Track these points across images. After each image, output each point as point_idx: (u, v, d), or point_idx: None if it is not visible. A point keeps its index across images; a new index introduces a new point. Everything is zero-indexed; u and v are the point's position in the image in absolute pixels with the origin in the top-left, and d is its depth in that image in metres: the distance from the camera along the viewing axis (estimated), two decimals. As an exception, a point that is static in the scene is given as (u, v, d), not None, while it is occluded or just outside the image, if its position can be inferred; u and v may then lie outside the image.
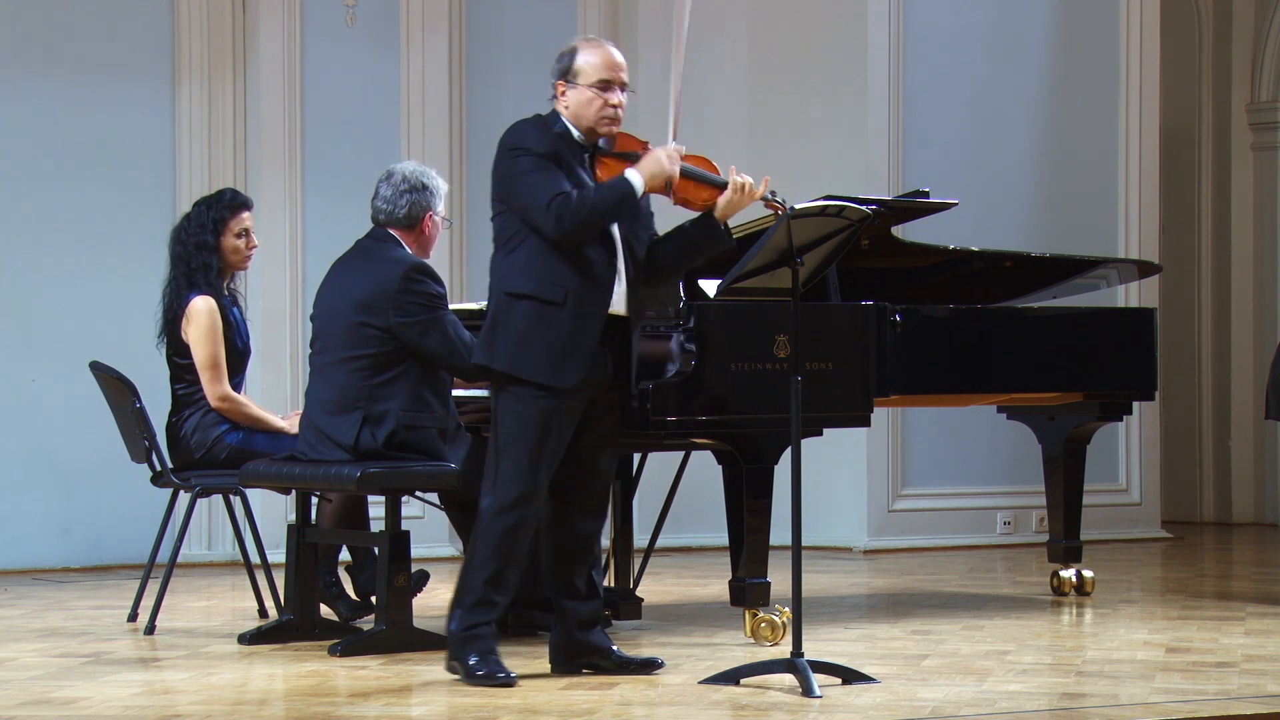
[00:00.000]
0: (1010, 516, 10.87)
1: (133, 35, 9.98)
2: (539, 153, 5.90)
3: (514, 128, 6.02)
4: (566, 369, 5.89)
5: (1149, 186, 11.33)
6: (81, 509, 9.79)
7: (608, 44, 6.05)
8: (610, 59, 6.00)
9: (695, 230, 6.11)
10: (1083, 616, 7.74)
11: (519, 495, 5.89)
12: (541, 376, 5.87)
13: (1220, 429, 12.51)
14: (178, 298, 7.43)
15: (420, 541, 7.65)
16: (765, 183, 6.11)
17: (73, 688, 5.94)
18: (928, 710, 5.49)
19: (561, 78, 5.99)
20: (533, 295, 5.88)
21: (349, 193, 10.07)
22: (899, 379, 7.28)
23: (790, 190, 6.94)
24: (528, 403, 5.88)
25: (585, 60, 5.97)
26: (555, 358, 5.88)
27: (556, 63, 6.03)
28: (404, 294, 6.72)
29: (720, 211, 6.06)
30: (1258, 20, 12.40)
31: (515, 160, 5.92)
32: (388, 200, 6.95)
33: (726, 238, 6.10)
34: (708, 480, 7.37)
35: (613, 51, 6.03)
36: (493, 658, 5.92)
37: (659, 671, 6.12)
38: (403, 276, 6.74)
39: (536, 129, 5.97)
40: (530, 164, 5.88)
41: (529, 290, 5.89)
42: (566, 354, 5.89)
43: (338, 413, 6.76)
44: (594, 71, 5.96)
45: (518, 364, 5.89)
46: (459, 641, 5.94)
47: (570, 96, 5.97)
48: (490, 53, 10.48)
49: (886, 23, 10.60)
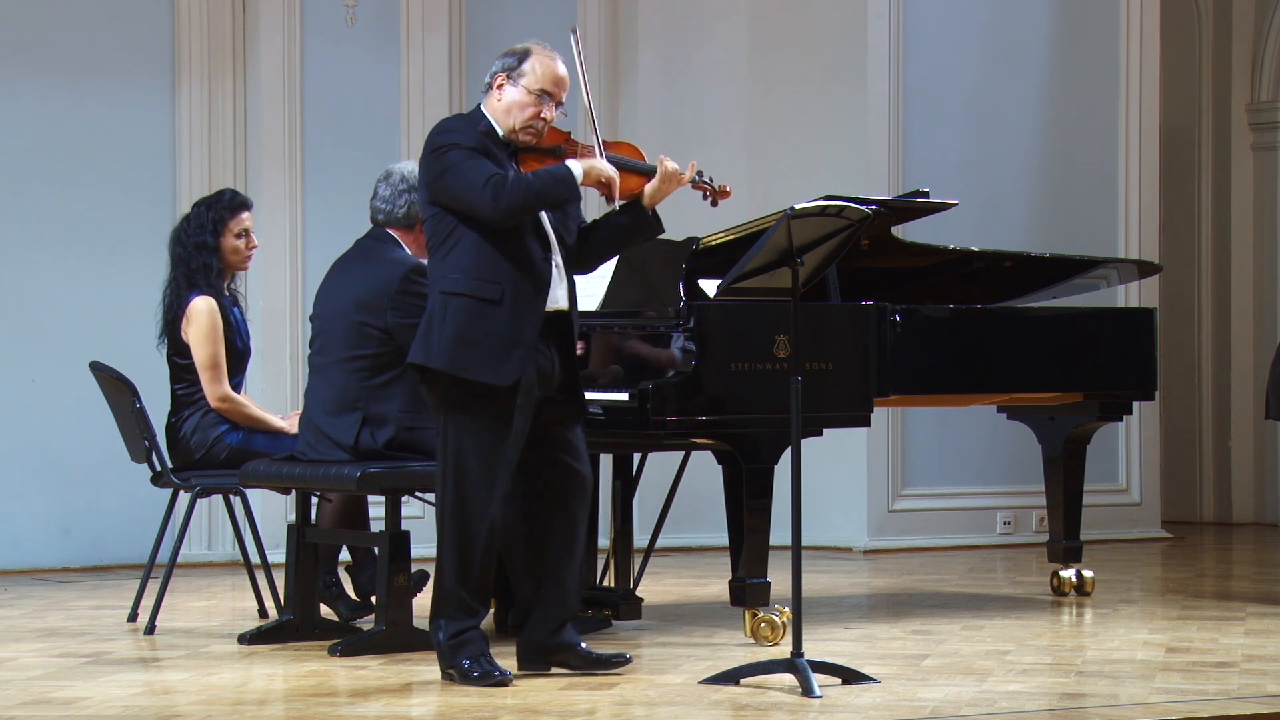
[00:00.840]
0: (1010, 516, 10.87)
1: (133, 35, 9.97)
2: (466, 146, 5.91)
3: (438, 126, 6.04)
4: (506, 366, 5.87)
5: (1149, 186, 11.33)
6: (81, 509, 9.79)
7: (559, 60, 6.05)
8: (558, 74, 6.02)
9: (624, 218, 6.15)
10: (1083, 616, 7.74)
11: (473, 496, 5.88)
12: (481, 375, 5.86)
13: (1220, 429, 12.51)
14: (178, 298, 7.43)
15: (420, 541, 7.63)
16: (691, 166, 6.17)
17: (73, 688, 5.94)
18: (928, 710, 5.49)
19: (505, 73, 6.00)
20: (468, 294, 5.88)
21: (349, 193, 10.06)
22: (899, 379, 7.28)
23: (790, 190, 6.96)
24: (471, 404, 5.87)
25: (535, 65, 5.99)
26: (494, 355, 5.86)
27: (505, 58, 6.04)
28: (403, 294, 6.73)
29: (648, 199, 6.09)
30: (1258, 20, 12.40)
31: (444, 155, 5.91)
32: (386, 200, 6.95)
33: (656, 224, 6.13)
34: (708, 480, 7.37)
35: (562, 68, 6.04)
36: (485, 658, 5.91)
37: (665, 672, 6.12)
38: (402, 278, 6.74)
39: (462, 125, 6.00)
40: (460, 155, 5.89)
41: (464, 289, 5.89)
42: (505, 351, 5.87)
43: (337, 413, 6.76)
44: (539, 80, 5.98)
45: (456, 363, 5.87)
46: (449, 650, 5.93)
47: (507, 93, 5.98)
48: (490, 53, 10.38)
49: (886, 23, 10.59)
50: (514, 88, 5.98)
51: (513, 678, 5.91)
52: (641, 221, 6.13)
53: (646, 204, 6.10)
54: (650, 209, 6.12)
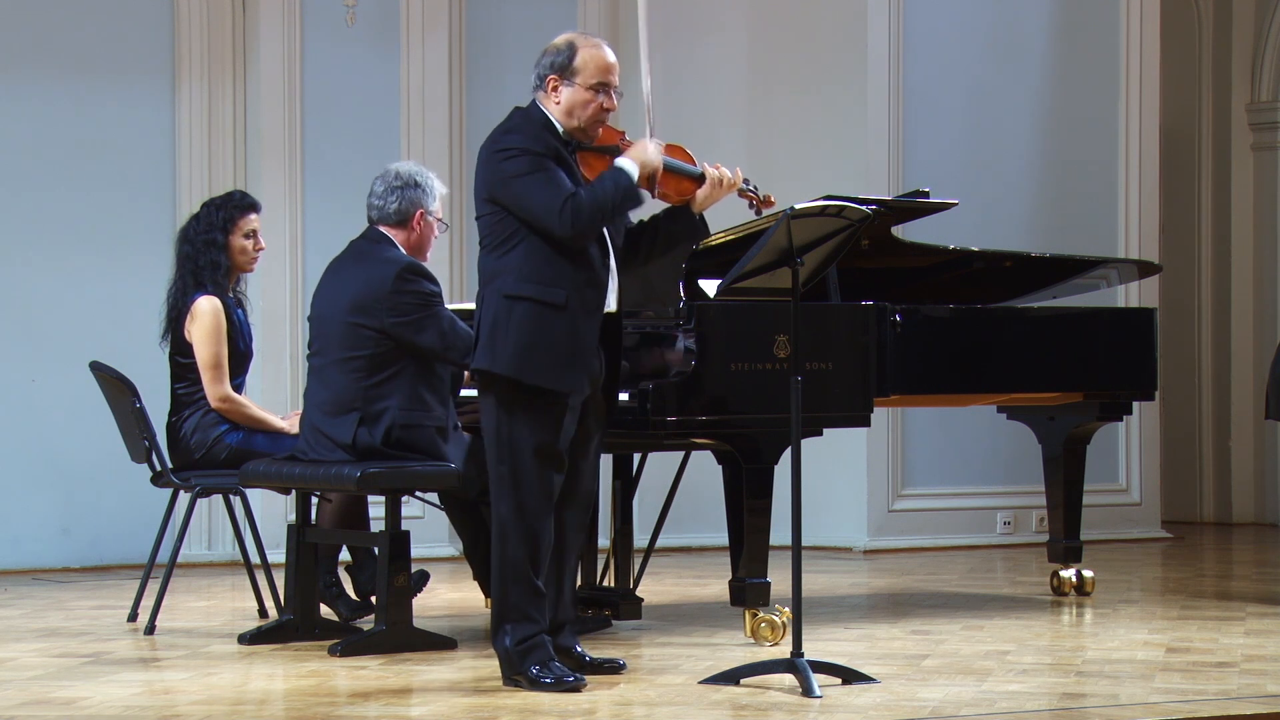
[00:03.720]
0: (1010, 516, 10.87)
1: (133, 35, 9.97)
2: (536, 152, 5.83)
3: (503, 126, 5.95)
4: (572, 372, 5.85)
5: (1149, 186, 11.33)
6: (81, 509, 9.79)
7: (604, 44, 5.99)
8: (610, 61, 5.94)
9: (672, 222, 6.12)
10: (1083, 616, 7.74)
11: (541, 498, 5.85)
12: (549, 381, 5.82)
13: (1220, 429, 12.51)
14: (183, 296, 7.43)
15: (420, 541, 7.65)
16: (737, 173, 6.13)
17: (73, 688, 5.94)
18: (928, 710, 5.49)
19: (558, 73, 5.91)
20: (534, 298, 5.82)
21: (349, 193, 10.04)
22: (899, 379, 7.28)
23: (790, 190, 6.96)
24: (532, 407, 5.84)
25: (586, 59, 5.90)
26: (561, 361, 5.83)
27: (551, 55, 5.93)
28: (397, 294, 6.72)
29: (699, 204, 6.06)
30: (1258, 20, 12.40)
31: (512, 161, 5.82)
32: (379, 197, 6.95)
33: (703, 229, 6.12)
34: (708, 480, 7.37)
35: (610, 53, 5.97)
36: (554, 664, 5.84)
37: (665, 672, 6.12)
38: (395, 277, 6.73)
39: (528, 126, 5.89)
40: (529, 164, 5.81)
41: (530, 293, 5.82)
42: (572, 357, 5.84)
43: (335, 414, 6.76)
44: (594, 73, 5.90)
45: (523, 369, 5.82)
46: (516, 657, 5.85)
47: (564, 94, 5.90)
48: (490, 53, 10.48)
49: (886, 23, 10.59)
50: (569, 87, 5.89)
51: (586, 682, 5.85)
52: (690, 225, 6.09)
53: (697, 208, 6.07)
54: (699, 214, 6.09)
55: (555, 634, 6.02)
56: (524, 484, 5.83)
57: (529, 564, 5.85)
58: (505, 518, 5.85)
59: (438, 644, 6.69)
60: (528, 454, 5.84)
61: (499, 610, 5.89)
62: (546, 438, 5.84)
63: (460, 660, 6.46)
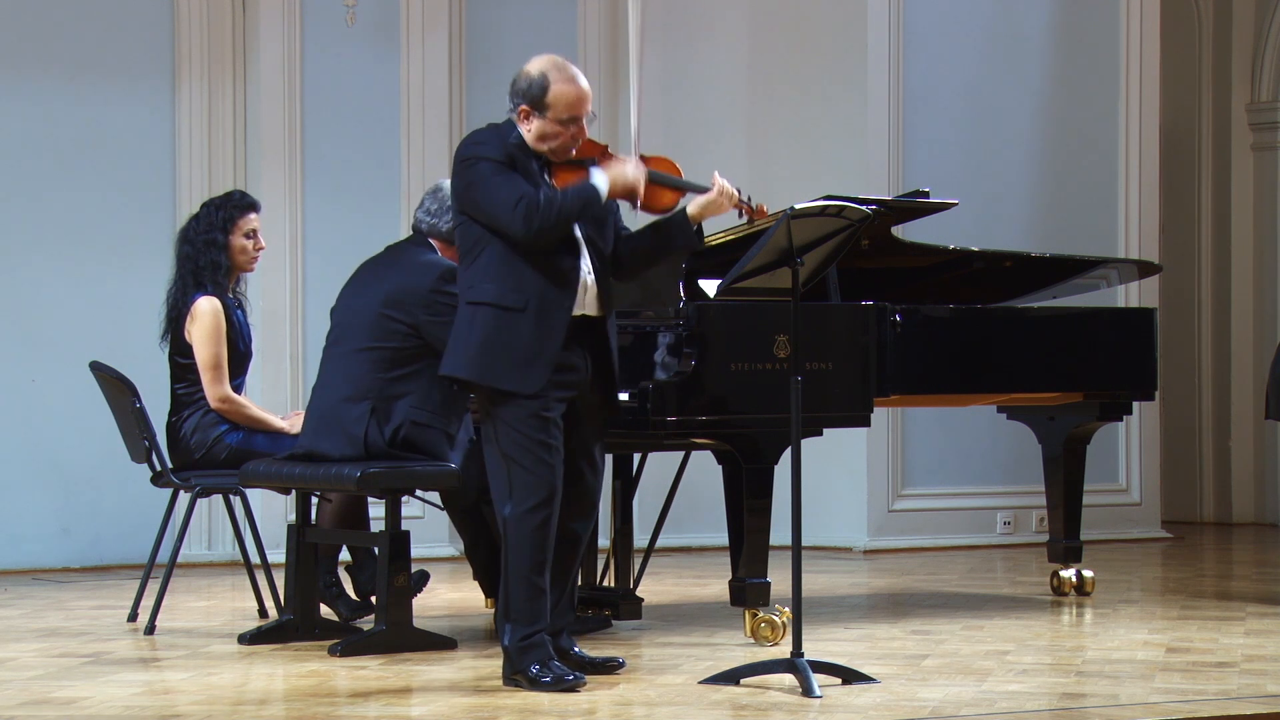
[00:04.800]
0: (1010, 516, 10.87)
1: (133, 35, 9.97)
2: (495, 159, 5.88)
3: (469, 138, 6.02)
4: (530, 374, 5.86)
5: (1149, 186, 11.33)
6: (81, 509, 9.79)
7: (578, 74, 5.97)
8: (583, 94, 5.94)
9: (669, 230, 6.09)
10: (1083, 616, 7.74)
11: (541, 498, 5.86)
12: (508, 383, 5.85)
13: (1220, 429, 12.51)
14: (183, 297, 7.43)
15: (420, 541, 7.65)
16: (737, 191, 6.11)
17: (73, 688, 5.94)
18: (928, 710, 5.49)
19: (530, 105, 5.93)
20: (493, 303, 5.87)
21: (349, 193, 10.08)
22: (899, 379, 7.28)
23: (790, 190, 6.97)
24: (511, 409, 5.86)
25: (557, 96, 5.90)
26: (520, 363, 5.85)
27: (524, 84, 5.93)
28: (436, 293, 6.73)
29: (698, 213, 6.04)
30: (1258, 20, 12.40)
31: (473, 168, 5.89)
32: (432, 214, 6.95)
33: (698, 239, 6.10)
34: (708, 480, 7.37)
35: (584, 84, 5.96)
36: (554, 663, 5.85)
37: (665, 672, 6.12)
38: (438, 277, 6.75)
39: (492, 137, 5.95)
40: (489, 169, 5.87)
41: (489, 298, 5.88)
42: (529, 359, 5.86)
43: (348, 400, 6.75)
44: (565, 109, 5.92)
45: (484, 372, 5.88)
46: (516, 654, 5.87)
47: (534, 125, 5.93)
48: (490, 53, 10.47)
49: (886, 23, 10.60)
50: (541, 120, 5.92)
51: (586, 681, 5.86)
52: (686, 235, 6.08)
53: (695, 217, 6.03)
54: (696, 223, 6.08)
55: (554, 637, 6.02)
56: (518, 482, 5.86)
57: (531, 563, 5.86)
58: (506, 518, 5.89)
59: (438, 644, 6.69)
60: (519, 455, 5.86)
61: (501, 606, 5.95)
62: (535, 437, 5.85)
63: (460, 660, 6.46)
